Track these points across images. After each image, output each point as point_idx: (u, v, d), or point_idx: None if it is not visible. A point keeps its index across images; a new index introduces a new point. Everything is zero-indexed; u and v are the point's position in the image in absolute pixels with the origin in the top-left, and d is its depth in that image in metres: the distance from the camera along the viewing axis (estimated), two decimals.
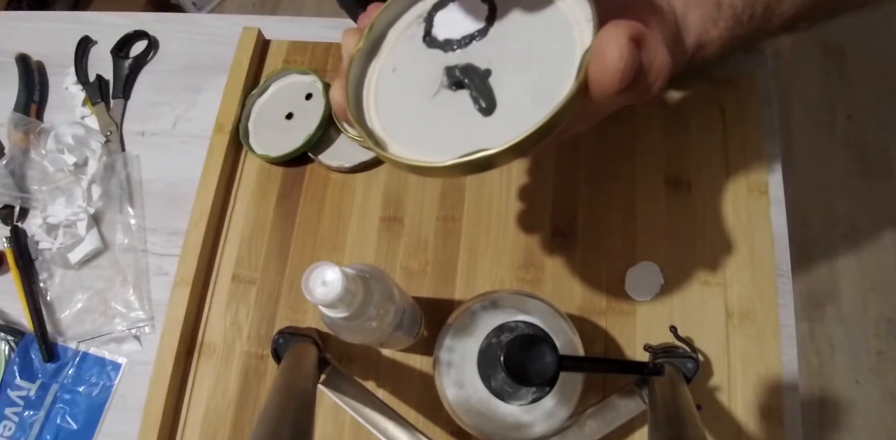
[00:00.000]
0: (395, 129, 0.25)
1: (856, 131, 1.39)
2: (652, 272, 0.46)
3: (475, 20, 0.26)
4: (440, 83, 0.25)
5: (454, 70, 0.25)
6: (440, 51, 0.26)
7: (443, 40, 0.26)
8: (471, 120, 0.24)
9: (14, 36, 0.61)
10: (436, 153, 0.23)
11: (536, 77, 0.23)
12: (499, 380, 0.34)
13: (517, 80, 0.24)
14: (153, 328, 0.50)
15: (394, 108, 0.26)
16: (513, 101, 0.23)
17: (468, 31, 0.26)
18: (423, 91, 0.25)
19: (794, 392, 0.43)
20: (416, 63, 0.26)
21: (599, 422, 0.39)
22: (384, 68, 0.27)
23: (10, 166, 0.54)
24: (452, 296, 0.47)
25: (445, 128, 0.24)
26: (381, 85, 0.27)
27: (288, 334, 0.40)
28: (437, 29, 0.26)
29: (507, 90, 0.24)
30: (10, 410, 0.48)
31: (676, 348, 0.40)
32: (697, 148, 0.50)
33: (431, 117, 0.25)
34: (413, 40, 0.27)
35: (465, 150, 0.22)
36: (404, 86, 0.26)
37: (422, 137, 0.25)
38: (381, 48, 0.27)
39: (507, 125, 0.23)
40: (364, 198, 0.51)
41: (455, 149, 0.23)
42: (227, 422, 0.45)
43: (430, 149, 0.24)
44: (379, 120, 0.26)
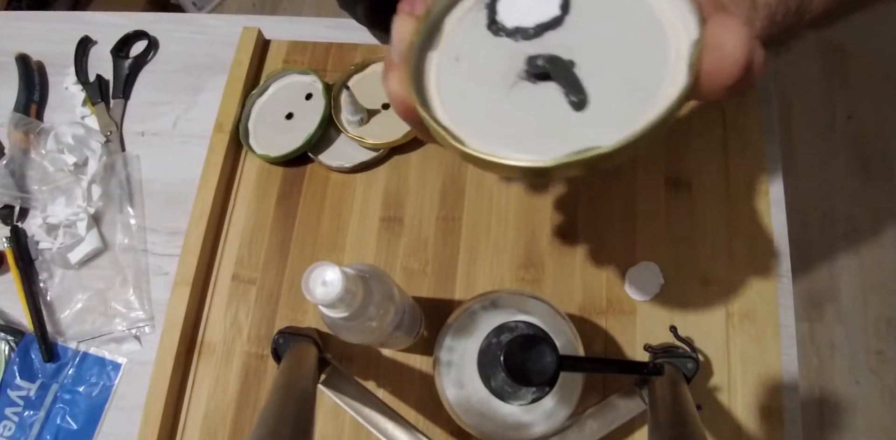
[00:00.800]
0: (468, 124, 0.23)
1: (856, 131, 1.39)
2: (652, 272, 0.46)
3: (547, 8, 0.24)
4: (517, 74, 0.23)
5: (537, 60, 0.23)
6: (510, 39, 0.24)
7: (512, 28, 0.24)
8: (558, 115, 0.22)
9: (14, 36, 0.61)
10: (527, 152, 0.21)
11: (629, 71, 0.22)
12: (499, 380, 0.34)
13: (605, 73, 0.22)
14: (153, 328, 0.50)
15: (463, 102, 0.24)
16: (605, 95, 0.22)
17: (541, 19, 0.24)
18: (495, 83, 0.23)
19: (794, 392, 0.43)
20: (482, 52, 0.24)
21: (599, 422, 0.39)
22: (444, 58, 0.25)
23: (10, 166, 0.54)
24: (452, 296, 0.47)
25: (528, 123, 0.22)
26: (442, 76, 0.25)
27: (288, 334, 0.40)
28: (503, 16, 0.24)
29: (595, 83, 0.22)
30: (10, 410, 0.48)
31: (676, 348, 0.40)
32: (697, 148, 0.50)
33: (510, 112, 0.23)
34: (476, 28, 0.25)
35: (564, 149, 0.20)
36: (472, 77, 0.24)
37: (501, 134, 0.23)
38: (438, 36, 0.25)
39: (606, 121, 0.21)
40: (364, 198, 0.51)
41: (550, 147, 0.21)
42: (227, 422, 0.45)
43: (512, 146, 0.22)
44: (447, 114, 0.24)
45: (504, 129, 0.23)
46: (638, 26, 0.22)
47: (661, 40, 0.22)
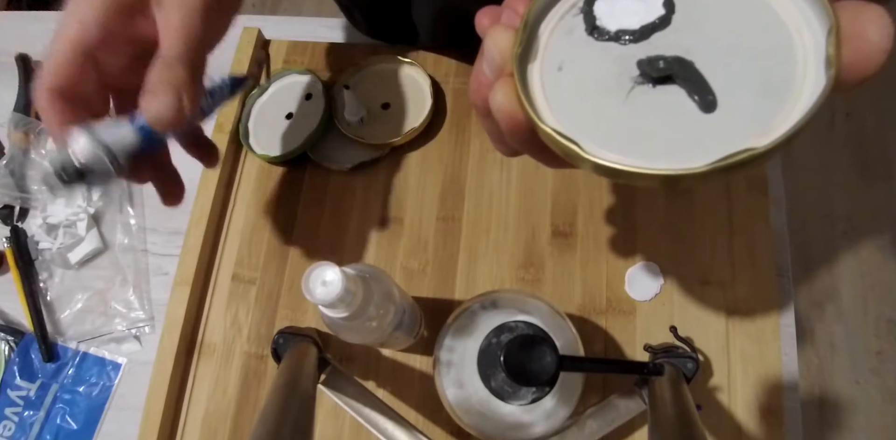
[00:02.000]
0: (587, 135, 0.22)
1: (855, 130, 1.39)
2: (652, 272, 0.46)
3: (649, 7, 0.23)
4: (632, 79, 0.22)
5: (657, 62, 0.21)
6: (615, 43, 0.23)
7: (615, 31, 0.23)
8: (690, 118, 0.21)
9: (14, 36, 0.61)
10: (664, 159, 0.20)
11: (754, 68, 0.20)
12: (499, 380, 0.34)
13: (729, 72, 0.21)
14: (153, 328, 0.50)
15: (577, 112, 0.23)
16: (733, 95, 0.20)
17: (645, 20, 0.22)
18: (609, 89, 0.22)
19: (794, 392, 0.43)
20: (587, 59, 0.23)
21: (599, 422, 0.39)
22: (546, 67, 0.24)
23: (10, 166, 0.54)
24: (452, 296, 0.47)
25: (654, 129, 0.21)
26: (548, 87, 0.23)
27: (288, 334, 0.40)
28: (603, 20, 0.23)
29: (720, 82, 0.21)
30: (10, 410, 0.48)
31: (676, 348, 0.40)
32: None
33: (631, 118, 0.22)
34: (573, 34, 0.24)
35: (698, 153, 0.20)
36: (581, 85, 0.23)
37: (625, 142, 0.21)
38: (534, 46, 0.24)
39: (738, 122, 0.20)
40: (364, 198, 0.51)
41: (678, 151, 0.20)
42: (227, 422, 0.45)
43: (641, 155, 0.21)
44: (562, 127, 0.22)
45: (628, 136, 0.21)
46: (752, 18, 0.21)
47: (781, 31, 0.21)
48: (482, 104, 0.24)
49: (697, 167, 0.19)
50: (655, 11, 0.22)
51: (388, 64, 0.53)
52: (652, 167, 0.20)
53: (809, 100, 0.19)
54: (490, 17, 0.25)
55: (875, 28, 0.19)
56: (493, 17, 0.25)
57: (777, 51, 0.20)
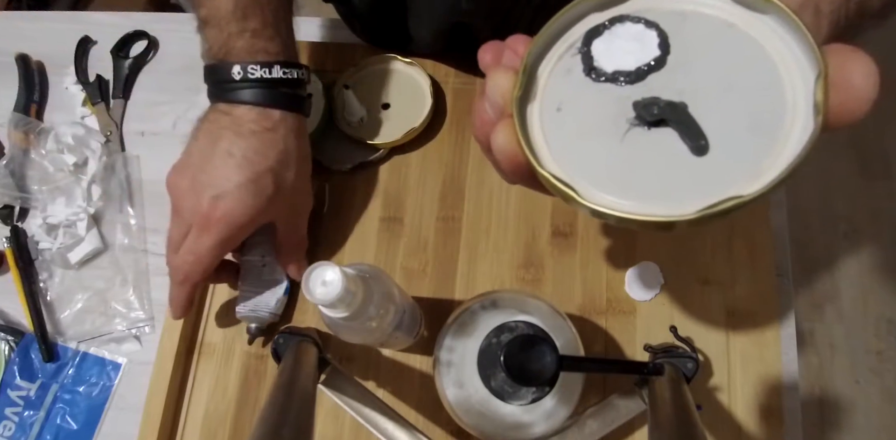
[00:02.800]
0: (584, 176, 0.22)
1: (856, 131, 1.39)
2: (652, 272, 0.46)
3: (645, 48, 0.23)
4: (628, 121, 0.22)
5: (652, 106, 0.22)
6: (612, 85, 0.23)
7: (612, 73, 0.23)
8: (682, 162, 0.21)
9: (14, 36, 0.61)
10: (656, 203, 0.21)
11: (745, 111, 0.21)
12: (499, 380, 0.34)
13: (721, 113, 0.21)
14: (153, 328, 0.50)
15: (574, 153, 0.23)
16: (726, 139, 0.21)
17: (641, 61, 0.23)
18: (606, 131, 0.22)
19: (794, 392, 0.43)
20: (585, 100, 0.23)
21: (599, 422, 0.39)
22: (546, 108, 0.24)
23: (10, 166, 0.54)
24: (452, 296, 0.47)
25: (648, 171, 0.22)
26: (546, 128, 0.24)
27: (288, 334, 0.40)
28: (600, 60, 0.23)
29: (712, 126, 0.21)
30: (10, 410, 0.48)
31: (676, 348, 0.40)
32: None
33: (626, 161, 0.22)
34: (571, 74, 0.24)
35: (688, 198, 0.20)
36: (579, 127, 0.23)
37: (620, 185, 0.22)
38: (534, 86, 0.25)
39: (732, 166, 0.21)
40: (364, 198, 0.51)
41: (671, 195, 0.21)
42: (227, 422, 0.45)
43: (635, 198, 0.21)
44: (559, 168, 0.23)
45: (623, 179, 0.22)
46: (745, 60, 0.22)
47: (773, 74, 0.21)
48: (485, 141, 0.25)
49: (687, 214, 0.20)
50: (651, 52, 0.23)
51: (388, 64, 0.53)
52: (644, 213, 0.20)
53: (797, 146, 0.19)
54: (492, 54, 0.26)
55: (861, 76, 0.19)
56: (495, 54, 0.25)
57: (768, 94, 0.21)
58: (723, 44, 0.22)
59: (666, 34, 0.23)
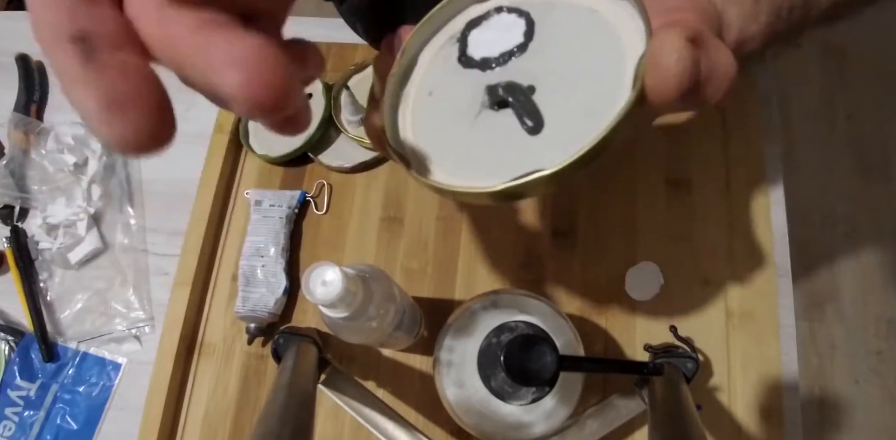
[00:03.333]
0: (437, 155, 0.24)
1: (856, 131, 1.39)
2: (652, 272, 0.46)
3: (511, 37, 0.24)
4: (481, 103, 0.24)
5: (496, 88, 0.23)
6: (478, 70, 0.25)
7: (480, 59, 0.25)
8: (517, 141, 0.22)
9: (14, 36, 0.61)
10: (483, 178, 0.22)
11: (586, 92, 0.22)
12: (499, 380, 0.34)
13: (565, 97, 0.22)
14: (153, 328, 0.50)
15: (433, 133, 0.25)
16: (562, 119, 0.22)
17: (506, 48, 0.24)
18: (463, 113, 0.24)
19: (794, 392, 0.43)
20: (454, 85, 0.25)
21: (599, 422, 0.39)
22: (420, 92, 0.26)
23: (10, 166, 0.54)
24: (452, 296, 0.47)
25: (490, 150, 0.23)
26: (417, 110, 0.26)
27: (288, 334, 0.40)
28: (472, 48, 0.25)
29: (554, 107, 0.22)
30: (10, 410, 0.48)
31: (676, 348, 0.40)
32: (697, 148, 0.50)
33: (474, 140, 0.24)
34: (448, 61, 0.25)
35: (516, 173, 0.21)
36: (443, 109, 0.25)
37: (466, 162, 0.23)
38: (415, 71, 0.26)
39: (558, 144, 0.22)
40: (364, 198, 0.51)
41: (503, 172, 0.21)
42: (227, 422, 0.45)
43: (475, 174, 0.23)
44: (419, 146, 0.25)
45: (468, 157, 0.23)
46: (598, 47, 0.23)
47: (619, 60, 0.22)
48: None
49: (492, 186, 0.21)
50: (515, 39, 0.24)
51: None
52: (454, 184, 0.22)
53: (609, 121, 0.20)
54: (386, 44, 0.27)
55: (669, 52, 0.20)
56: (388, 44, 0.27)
57: (610, 77, 0.22)
58: (582, 29, 0.23)
59: (533, 22, 0.24)
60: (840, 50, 1.45)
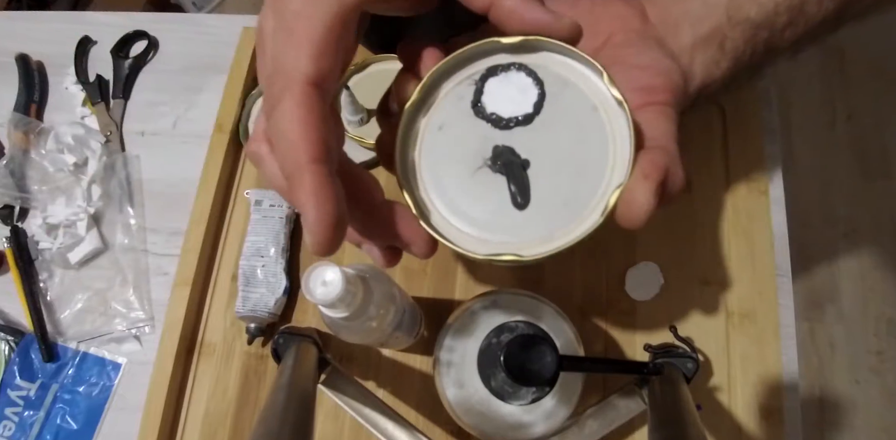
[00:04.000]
0: (437, 193, 0.26)
1: (856, 131, 1.39)
2: (652, 272, 0.46)
3: (523, 102, 0.26)
4: (483, 160, 0.26)
5: (498, 155, 0.25)
6: (486, 123, 0.26)
7: (490, 114, 0.26)
8: (505, 206, 0.25)
9: (14, 36, 0.61)
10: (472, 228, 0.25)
11: (570, 183, 0.25)
12: (499, 380, 0.34)
13: (552, 181, 0.25)
14: (153, 328, 0.50)
15: (437, 171, 0.27)
16: (545, 201, 0.25)
17: (515, 112, 0.26)
18: (465, 161, 0.26)
19: (794, 392, 0.43)
20: (462, 127, 0.26)
21: (599, 422, 0.39)
22: (431, 124, 0.27)
23: (10, 166, 0.54)
24: (452, 296, 0.47)
25: (481, 206, 0.25)
26: (426, 141, 0.27)
27: (288, 334, 0.40)
28: (486, 97, 0.26)
29: (541, 187, 0.25)
30: (10, 410, 0.48)
31: (676, 348, 0.40)
32: (697, 148, 0.50)
33: (470, 192, 0.26)
34: (461, 102, 0.27)
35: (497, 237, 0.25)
36: (448, 149, 0.26)
37: (460, 210, 0.26)
38: (431, 101, 0.27)
39: (536, 224, 0.25)
40: None
41: (488, 231, 0.25)
42: (227, 422, 0.45)
43: (466, 223, 0.25)
44: (422, 179, 0.27)
45: (462, 206, 0.26)
46: (590, 144, 0.25)
47: (602, 165, 0.25)
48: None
49: (478, 254, 0.24)
50: (526, 107, 0.26)
51: (388, 64, 0.53)
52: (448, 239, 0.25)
53: (578, 233, 0.24)
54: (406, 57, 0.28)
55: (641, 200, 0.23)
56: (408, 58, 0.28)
57: (592, 179, 0.25)
58: (581, 122, 0.25)
59: (545, 95, 0.26)
60: (840, 50, 1.45)
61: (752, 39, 0.32)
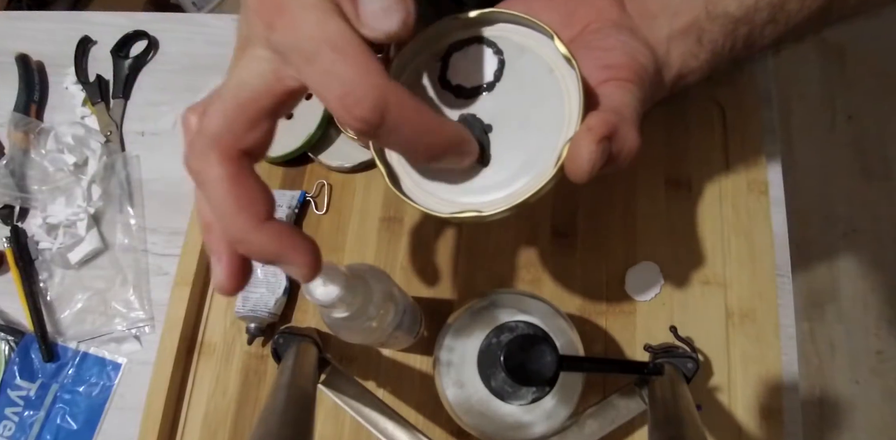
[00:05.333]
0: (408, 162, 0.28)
1: (856, 131, 1.39)
2: (652, 272, 0.46)
3: (485, 72, 0.28)
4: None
5: (465, 119, 0.27)
6: (451, 94, 0.28)
7: (455, 85, 0.28)
8: (470, 170, 0.27)
9: (14, 36, 0.61)
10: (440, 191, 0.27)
11: (529, 142, 0.26)
12: (499, 380, 0.34)
13: (511, 142, 0.27)
14: (153, 328, 0.50)
15: None
16: (505, 161, 0.27)
17: (478, 81, 0.28)
18: None
19: (794, 392, 0.43)
20: (432, 101, 0.28)
21: (599, 422, 0.39)
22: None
23: (10, 166, 0.54)
24: (452, 296, 0.47)
25: (448, 172, 0.27)
26: None
27: (288, 334, 0.40)
28: (451, 71, 0.28)
29: (502, 148, 0.27)
30: (10, 410, 0.48)
31: (676, 348, 0.40)
32: (697, 148, 0.50)
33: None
34: (430, 77, 0.28)
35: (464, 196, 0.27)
36: None
37: (429, 175, 0.28)
38: (403, 80, 0.29)
39: (499, 184, 0.26)
40: (364, 198, 0.51)
41: (453, 193, 0.27)
42: (227, 422, 0.45)
43: (436, 187, 0.27)
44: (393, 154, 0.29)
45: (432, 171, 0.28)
46: (547, 104, 0.26)
47: (559, 122, 0.26)
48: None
49: (441, 212, 0.26)
50: (488, 76, 0.28)
51: None
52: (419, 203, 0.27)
53: (535, 187, 0.25)
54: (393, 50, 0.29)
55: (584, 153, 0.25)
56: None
57: (549, 136, 0.26)
58: (539, 84, 0.27)
59: (504, 63, 0.27)
60: (840, 50, 1.45)
61: (731, 34, 0.33)
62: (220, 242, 0.24)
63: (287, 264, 0.23)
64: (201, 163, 0.23)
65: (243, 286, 0.24)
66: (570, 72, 0.26)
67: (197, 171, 0.23)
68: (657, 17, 0.33)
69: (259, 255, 0.22)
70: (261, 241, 0.22)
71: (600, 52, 0.30)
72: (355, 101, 0.20)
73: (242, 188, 0.23)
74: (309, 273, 0.23)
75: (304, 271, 0.23)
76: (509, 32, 0.28)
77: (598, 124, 0.25)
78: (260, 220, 0.22)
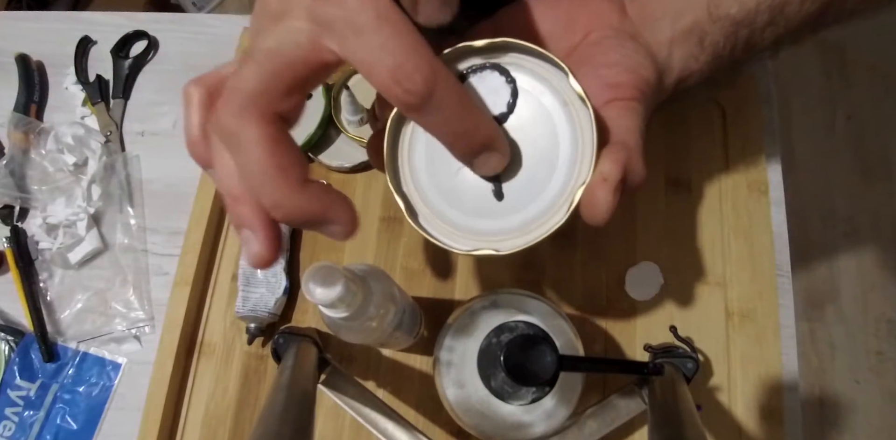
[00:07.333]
0: (423, 194, 0.28)
1: (856, 131, 1.39)
2: (652, 272, 0.46)
3: (498, 102, 0.27)
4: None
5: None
6: None
7: None
8: (484, 204, 0.27)
9: (14, 36, 0.61)
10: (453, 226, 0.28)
11: (541, 178, 0.26)
12: (499, 380, 0.34)
13: (524, 177, 0.27)
14: (153, 328, 0.50)
15: (423, 174, 0.28)
16: (518, 196, 0.27)
17: (491, 113, 0.27)
18: (448, 163, 0.27)
19: (794, 392, 0.43)
20: None
21: (599, 422, 0.39)
22: (416, 129, 0.28)
23: (10, 166, 0.54)
24: (452, 296, 0.47)
25: (463, 205, 0.27)
26: (411, 146, 0.28)
27: (288, 334, 0.40)
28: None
29: (514, 183, 0.27)
30: (10, 410, 0.48)
31: (676, 348, 0.40)
32: (697, 148, 0.50)
33: (453, 192, 0.28)
34: None
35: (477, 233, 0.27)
36: (433, 153, 0.28)
37: (444, 209, 0.28)
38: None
39: (512, 219, 0.27)
40: (364, 198, 0.51)
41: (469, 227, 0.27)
42: (227, 422, 0.45)
43: (449, 221, 0.28)
44: (411, 181, 0.29)
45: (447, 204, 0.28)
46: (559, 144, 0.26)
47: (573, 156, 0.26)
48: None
49: (459, 249, 0.27)
50: (500, 107, 0.27)
51: None
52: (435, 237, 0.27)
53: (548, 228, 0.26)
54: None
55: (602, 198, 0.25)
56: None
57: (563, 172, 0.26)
58: (552, 118, 0.27)
59: (518, 94, 0.27)
60: (840, 50, 1.45)
61: (732, 36, 0.33)
62: (253, 212, 0.23)
63: (330, 224, 0.23)
64: (238, 121, 0.21)
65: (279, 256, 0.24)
66: (583, 108, 0.26)
67: (232, 131, 0.21)
68: (659, 20, 0.33)
69: (301, 218, 0.22)
70: (304, 203, 0.22)
71: (604, 70, 0.30)
72: (406, 74, 0.20)
73: (284, 149, 0.21)
74: (353, 229, 0.24)
75: (349, 228, 0.23)
76: (523, 62, 0.27)
77: (613, 171, 0.25)
78: (301, 182, 0.22)
